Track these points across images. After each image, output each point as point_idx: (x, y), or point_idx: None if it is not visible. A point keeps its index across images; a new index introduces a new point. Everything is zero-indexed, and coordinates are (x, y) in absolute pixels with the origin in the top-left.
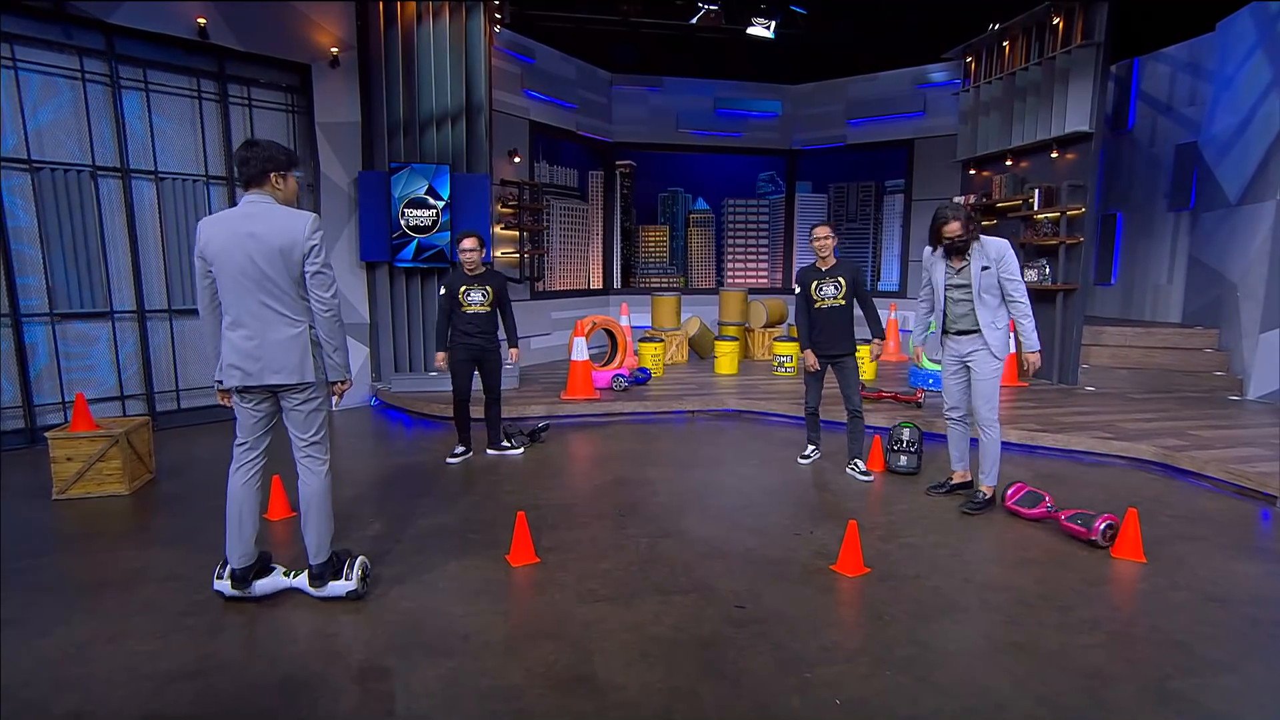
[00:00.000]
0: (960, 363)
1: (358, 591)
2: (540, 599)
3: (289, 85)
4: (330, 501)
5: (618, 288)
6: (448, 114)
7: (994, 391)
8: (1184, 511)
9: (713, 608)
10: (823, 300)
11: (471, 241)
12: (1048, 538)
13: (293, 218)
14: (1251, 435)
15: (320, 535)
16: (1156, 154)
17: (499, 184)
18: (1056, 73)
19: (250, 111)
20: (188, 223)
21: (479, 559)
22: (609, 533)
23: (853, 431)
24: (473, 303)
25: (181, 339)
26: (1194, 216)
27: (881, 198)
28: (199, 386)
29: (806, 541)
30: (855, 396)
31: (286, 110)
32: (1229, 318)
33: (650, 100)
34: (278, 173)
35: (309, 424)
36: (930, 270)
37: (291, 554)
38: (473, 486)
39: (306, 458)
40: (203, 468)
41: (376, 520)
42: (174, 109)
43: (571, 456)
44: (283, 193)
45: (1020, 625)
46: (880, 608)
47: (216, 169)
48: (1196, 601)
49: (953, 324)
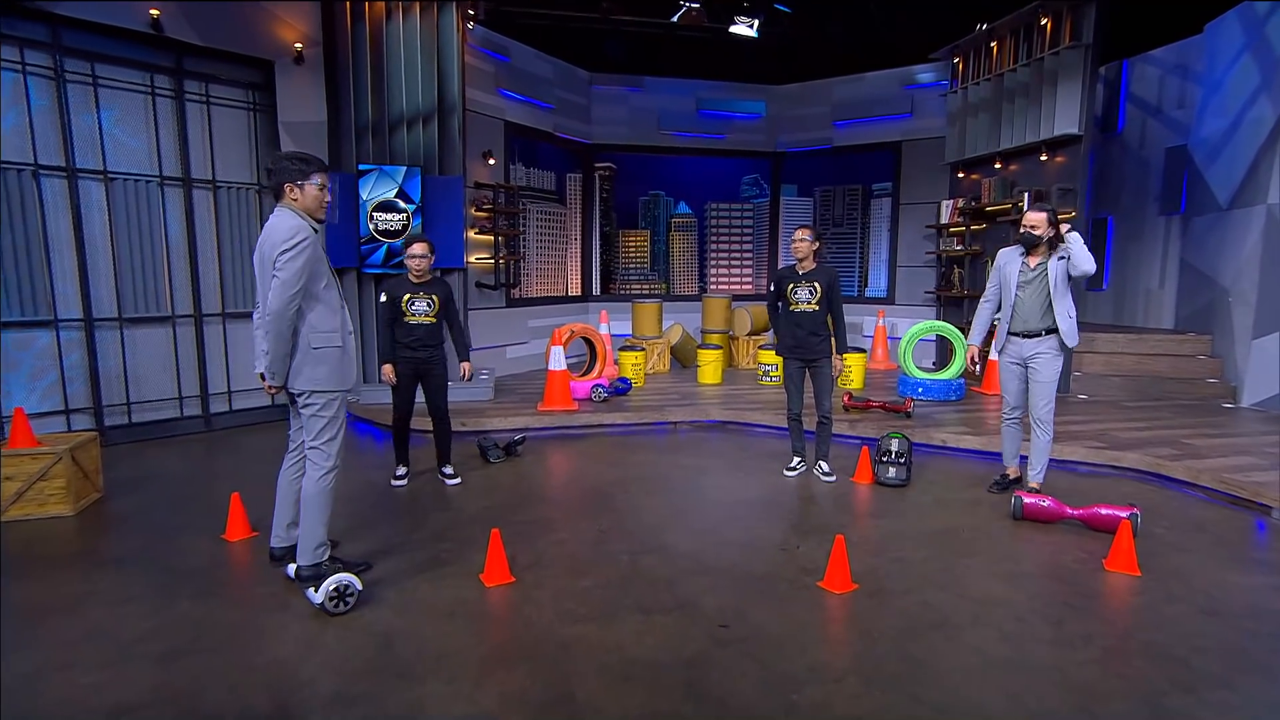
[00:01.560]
0: (1021, 363)
1: (325, 608)
2: (516, 620)
3: (250, 82)
4: (324, 510)
5: (597, 294)
6: (419, 114)
7: (1051, 393)
8: (1179, 522)
9: (696, 627)
10: (796, 304)
11: (423, 247)
12: (1041, 551)
13: (280, 223)
14: (1246, 444)
15: (307, 537)
16: (1146, 157)
17: (473, 187)
18: (1045, 74)
19: (209, 109)
20: (139, 226)
21: (452, 579)
22: (588, 549)
23: (820, 435)
24: (417, 313)
25: (133, 348)
26: (1185, 221)
27: (868, 201)
28: (152, 400)
29: (793, 556)
30: (826, 401)
31: (248, 108)
32: (1221, 323)
33: (630, 101)
34: (291, 184)
35: (311, 426)
36: (1003, 267)
37: (245, 575)
38: (445, 503)
39: (310, 458)
40: (156, 485)
41: (344, 539)
42: (126, 106)
43: (549, 470)
44: (300, 202)
45: (1013, 641)
46: (869, 625)
47: (172, 170)
48: (1192, 615)
49: (1020, 324)
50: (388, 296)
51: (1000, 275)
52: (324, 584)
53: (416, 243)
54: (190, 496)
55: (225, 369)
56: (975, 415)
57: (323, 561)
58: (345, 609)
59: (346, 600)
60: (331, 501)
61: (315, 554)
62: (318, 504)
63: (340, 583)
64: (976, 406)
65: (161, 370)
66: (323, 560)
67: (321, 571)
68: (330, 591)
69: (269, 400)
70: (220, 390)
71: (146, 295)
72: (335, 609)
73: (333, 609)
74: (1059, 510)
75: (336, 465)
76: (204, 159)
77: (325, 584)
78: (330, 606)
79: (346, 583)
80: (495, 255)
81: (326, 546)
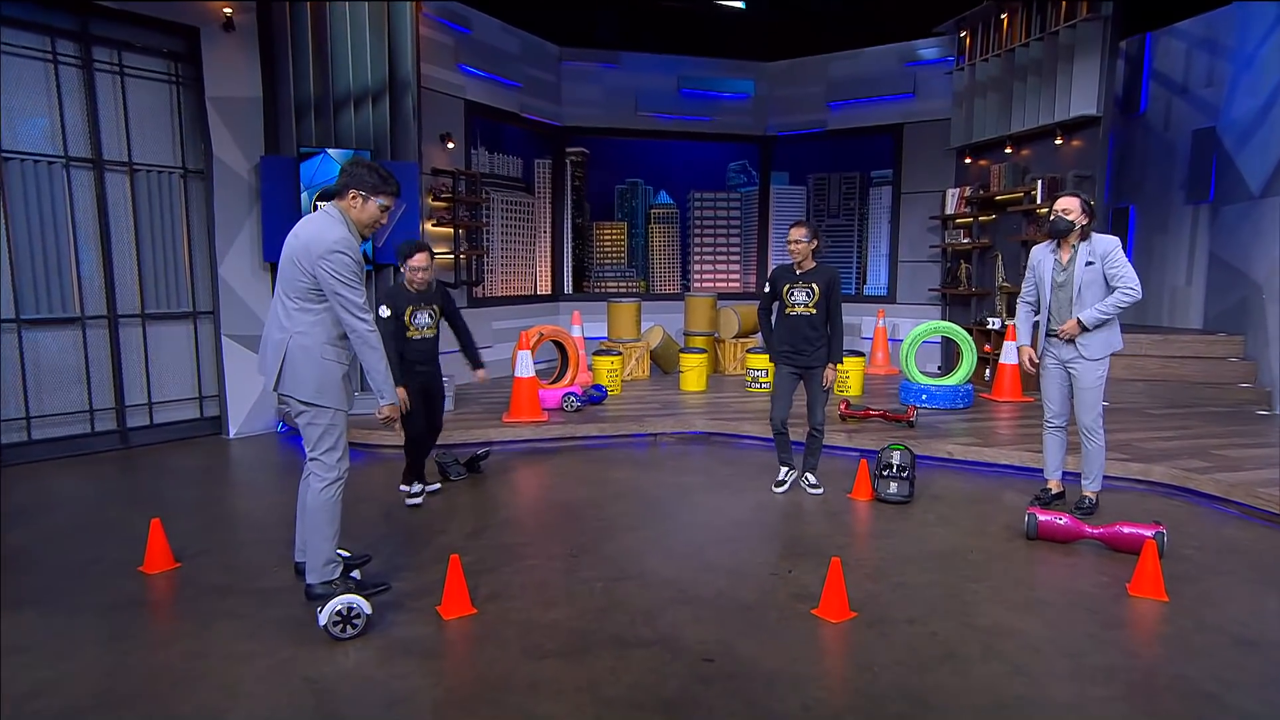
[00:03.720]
0: (1062, 367)
1: (329, 632)
2: (478, 657)
3: (172, 51)
4: (329, 524)
5: (569, 293)
6: (368, 91)
7: (1097, 400)
8: (1209, 542)
9: (678, 662)
10: (793, 306)
11: (423, 258)
12: (1057, 575)
13: (329, 226)
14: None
15: (314, 553)
16: (1171, 140)
17: (430, 173)
18: (1060, 50)
19: (123, 81)
20: (39, 213)
21: (405, 611)
22: (558, 576)
23: (810, 448)
24: (421, 326)
25: (35, 354)
26: (1214, 210)
27: (867, 190)
28: (57, 414)
29: (785, 582)
30: (820, 413)
31: (169, 81)
32: (1255, 323)
33: (606, 79)
34: (358, 192)
35: (308, 435)
36: (1038, 265)
37: (164, 614)
38: (397, 525)
39: (311, 470)
40: (61, 512)
41: (281, 567)
42: (21, 75)
43: (515, 488)
44: (357, 212)
45: (1028, 676)
46: (869, 657)
47: (80, 150)
48: (1225, 645)
49: (1057, 325)
50: (391, 310)
51: (1035, 274)
52: (328, 605)
53: (418, 252)
54: (102, 524)
55: (145, 378)
56: (985, 425)
57: (333, 580)
58: (351, 634)
59: (353, 624)
60: (338, 515)
61: (324, 571)
62: (322, 517)
63: (346, 605)
64: (986, 415)
65: (69, 380)
66: (333, 578)
67: (332, 591)
68: (334, 614)
69: (195, 412)
70: (139, 402)
71: (50, 293)
72: (340, 634)
73: (337, 633)
74: (1077, 529)
75: (340, 476)
76: (118, 138)
77: (329, 605)
78: (334, 630)
79: (352, 605)
80: (455, 250)
81: (337, 564)
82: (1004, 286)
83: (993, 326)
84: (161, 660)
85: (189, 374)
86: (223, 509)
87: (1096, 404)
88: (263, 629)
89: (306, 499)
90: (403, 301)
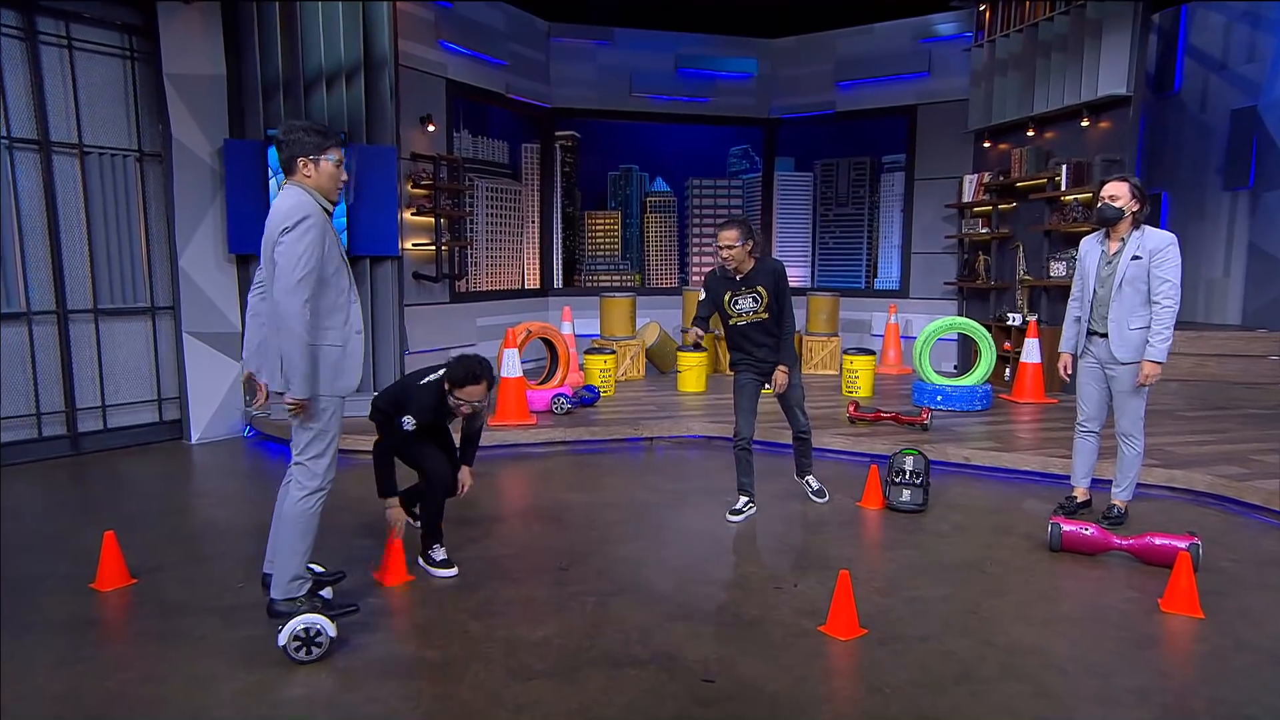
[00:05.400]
0: (1100, 367)
1: (288, 653)
2: (462, 678)
3: (126, 23)
4: (304, 537)
5: (559, 288)
6: (341, 69)
7: (1139, 405)
8: (1248, 554)
9: (675, 682)
10: (739, 316)
11: (480, 390)
12: (1083, 589)
13: (282, 202)
14: None
15: (282, 567)
16: (1208, 122)
17: (409, 158)
18: (1087, 24)
19: (71, 55)
20: None
21: (383, 631)
22: (547, 591)
23: (800, 450)
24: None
25: None
26: (1254, 196)
27: (878, 176)
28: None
29: (789, 596)
30: (802, 415)
31: (123, 55)
32: None
33: (598, 57)
34: (306, 159)
35: (297, 439)
36: (1084, 258)
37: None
38: (374, 538)
39: (293, 475)
40: (4, 524)
41: (248, 583)
42: None
43: (501, 496)
44: (314, 179)
45: (1051, 698)
46: (879, 678)
47: (23, 130)
48: (1265, 665)
49: (1097, 322)
50: (416, 424)
51: (1081, 268)
52: (288, 624)
53: (474, 385)
54: (51, 538)
55: (98, 378)
56: (1004, 428)
57: (298, 597)
58: (311, 657)
59: (315, 646)
60: (314, 529)
61: (289, 587)
62: (296, 529)
63: (306, 625)
64: (1005, 417)
65: (15, 380)
66: (298, 595)
67: (295, 609)
68: (294, 635)
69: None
70: (92, 404)
71: None
72: (300, 656)
73: (297, 655)
74: (1104, 540)
75: (323, 487)
76: (66, 118)
77: (290, 625)
78: (294, 652)
79: (313, 626)
80: (436, 241)
81: (305, 580)
82: (1025, 279)
83: (1013, 322)
84: (117, 686)
85: (147, 375)
86: (183, 520)
87: (1134, 411)
88: (227, 650)
89: (284, 507)
90: (432, 416)
